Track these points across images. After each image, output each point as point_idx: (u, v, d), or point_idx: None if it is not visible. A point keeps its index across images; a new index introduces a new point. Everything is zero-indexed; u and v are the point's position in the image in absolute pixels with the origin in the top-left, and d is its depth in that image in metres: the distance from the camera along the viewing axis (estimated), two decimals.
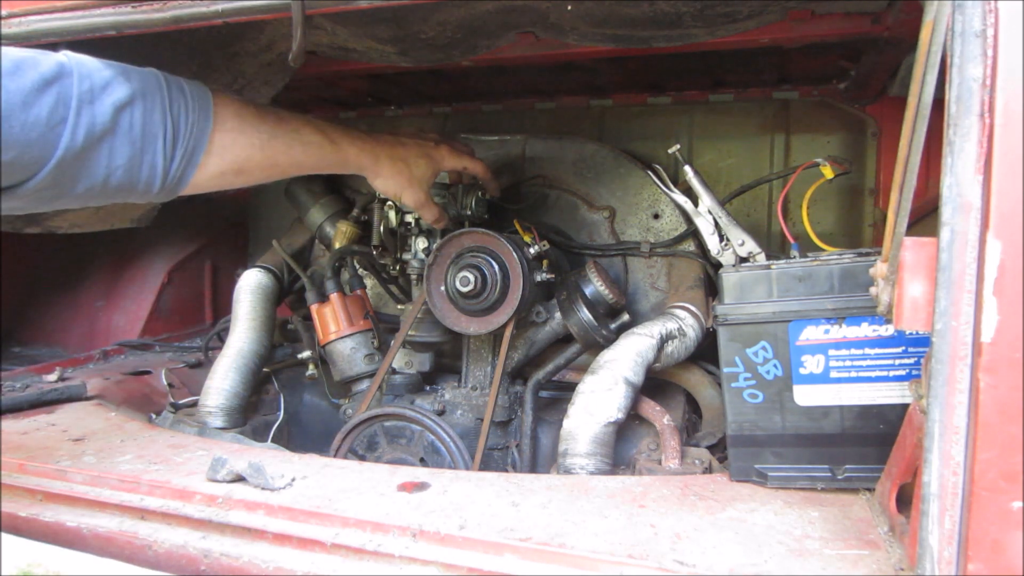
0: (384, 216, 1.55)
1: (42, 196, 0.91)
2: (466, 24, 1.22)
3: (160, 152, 0.96)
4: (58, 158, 0.87)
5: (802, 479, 1.03)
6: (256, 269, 1.80)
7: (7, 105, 0.82)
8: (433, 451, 1.38)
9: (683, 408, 1.50)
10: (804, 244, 1.18)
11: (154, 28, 1.01)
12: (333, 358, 1.63)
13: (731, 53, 1.58)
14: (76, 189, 0.92)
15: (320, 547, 0.93)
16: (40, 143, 0.85)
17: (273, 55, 1.41)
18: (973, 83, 0.68)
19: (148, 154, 0.95)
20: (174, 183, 1.00)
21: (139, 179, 0.96)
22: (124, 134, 0.92)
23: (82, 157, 0.89)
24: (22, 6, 1.08)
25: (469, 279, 1.36)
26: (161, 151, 0.96)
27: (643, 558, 0.83)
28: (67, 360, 1.90)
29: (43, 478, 1.12)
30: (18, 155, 0.84)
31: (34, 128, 0.84)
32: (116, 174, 0.93)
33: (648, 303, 1.74)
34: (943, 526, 0.69)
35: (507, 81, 1.91)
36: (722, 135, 2.02)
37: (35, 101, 0.84)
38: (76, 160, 0.89)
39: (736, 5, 1.11)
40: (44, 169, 0.86)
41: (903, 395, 0.97)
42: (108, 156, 0.92)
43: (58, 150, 0.86)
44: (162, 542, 0.98)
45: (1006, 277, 0.67)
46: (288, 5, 0.96)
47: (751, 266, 1.12)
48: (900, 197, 0.75)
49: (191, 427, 1.50)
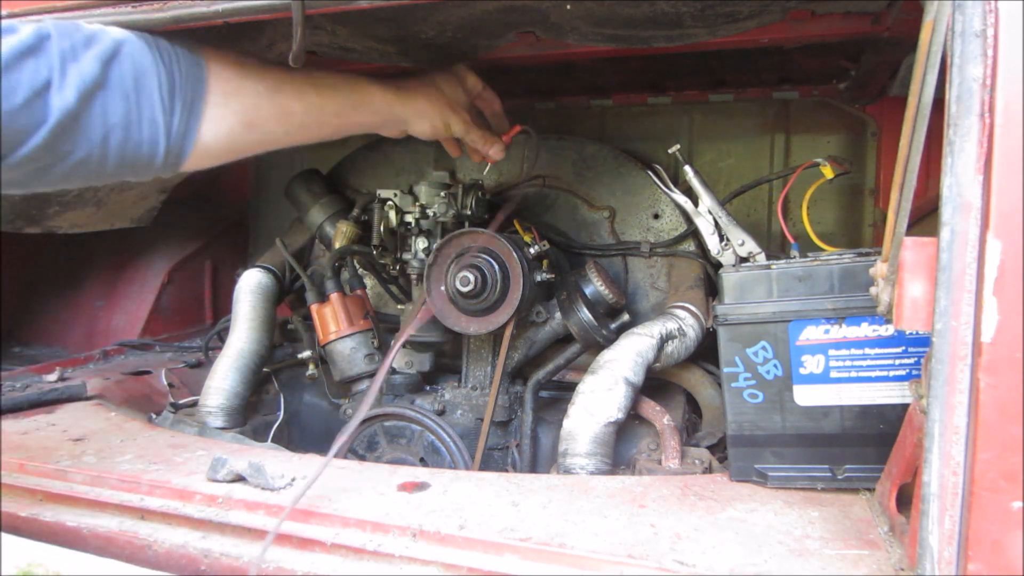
0: (384, 216, 1.55)
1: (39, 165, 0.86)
2: (466, 24, 1.22)
3: (158, 105, 0.91)
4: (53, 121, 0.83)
5: (802, 479, 1.03)
6: (256, 269, 1.79)
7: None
8: (433, 451, 1.38)
9: (683, 408, 1.50)
10: (804, 244, 1.18)
11: (154, 28, 1.01)
12: (333, 358, 1.63)
13: (731, 53, 1.58)
14: (74, 155, 0.87)
15: (320, 547, 0.93)
16: (27, 109, 0.82)
17: (273, 55, 1.41)
18: (973, 83, 0.68)
19: (146, 108, 0.90)
20: (179, 141, 0.94)
21: (141, 139, 0.90)
22: (116, 86, 0.87)
23: (77, 117, 0.85)
24: (22, 6, 1.08)
25: (469, 279, 1.36)
26: (159, 104, 0.91)
27: (643, 558, 0.83)
28: (67, 360, 1.90)
29: (43, 478, 1.12)
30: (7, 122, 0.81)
31: (16, 93, 0.81)
32: (115, 133, 0.88)
33: (648, 303, 1.74)
34: (943, 526, 0.69)
35: (507, 81, 1.91)
36: (722, 135, 2.02)
37: (15, 65, 0.81)
38: (71, 121, 0.84)
39: (736, 5, 1.10)
40: (38, 134, 0.83)
41: (903, 395, 0.97)
42: (103, 113, 0.87)
43: (50, 112, 0.83)
44: (162, 542, 0.98)
45: (1006, 277, 0.67)
46: (288, 5, 0.96)
47: (751, 266, 1.12)
48: (900, 197, 0.75)
49: (191, 427, 1.50)
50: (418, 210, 1.53)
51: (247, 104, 0.99)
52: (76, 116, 0.85)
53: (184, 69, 0.94)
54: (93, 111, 0.86)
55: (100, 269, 2.34)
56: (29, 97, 0.82)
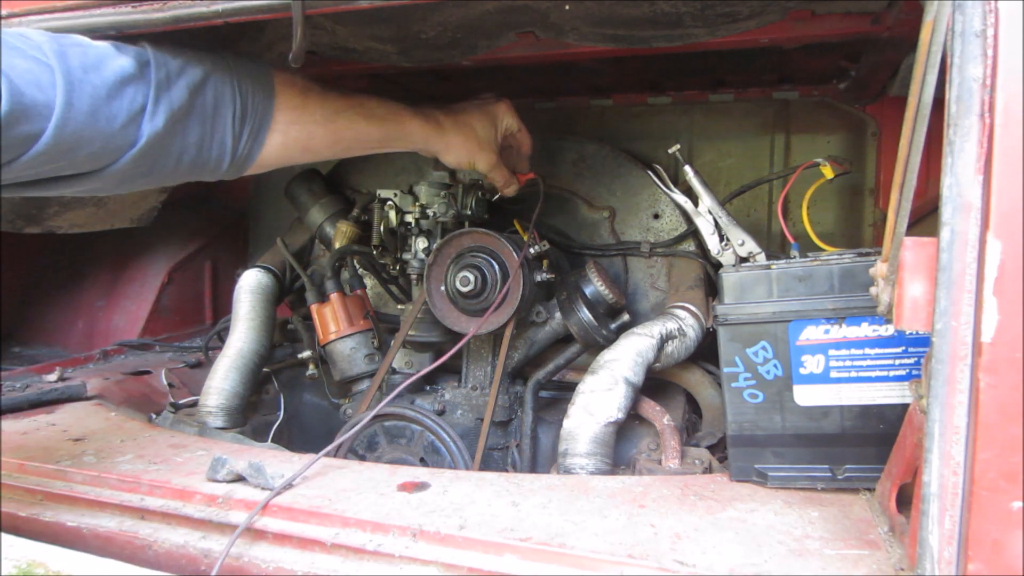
0: (384, 216, 1.55)
1: (124, 177, 0.94)
2: (466, 24, 1.22)
3: (229, 131, 0.99)
4: (141, 146, 0.90)
5: (802, 479, 1.03)
6: (256, 269, 1.79)
7: (93, 100, 0.85)
8: (433, 451, 1.38)
9: (683, 408, 1.50)
10: (804, 244, 1.18)
11: (154, 28, 1.01)
12: (333, 358, 1.63)
13: (731, 53, 1.57)
14: (153, 171, 0.95)
15: (320, 547, 0.93)
16: (121, 134, 0.89)
17: (273, 55, 1.41)
18: (973, 83, 0.68)
19: (218, 132, 0.98)
20: (242, 160, 1.03)
21: (209, 157, 0.99)
22: (198, 113, 0.96)
23: (161, 141, 0.92)
24: (22, 6, 1.08)
25: (469, 279, 1.36)
26: (230, 130, 0.99)
27: (643, 558, 0.83)
28: (67, 360, 1.90)
29: (43, 478, 1.12)
30: (101, 147, 0.88)
31: (116, 120, 0.87)
32: (188, 152, 0.96)
33: (648, 303, 1.74)
34: (943, 526, 0.69)
35: (507, 81, 1.91)
36: (722, 135, 2.02)
37: (117, 93, 0.88)
38: (157, 145, 0.92)
39: (736, 5, 1.10)
40: (127, 154, 0.90)
41: (903, 395, 0.97)
42: (183, 135, 0.95)
43: (140, 139, 0.90)
44: (162, 542, 0.99)
45: (1006, 277, 0.67)
46: (288, 5, 0.96)
47: (751, 266, 1.12)
48: (900, 197, 0.75)
49: (191, 427, 1.50)
50: (418, 210, 1.53)
51: (305, 132, 1.09)
52: (162, 139, 0.92)
53: (256, 100, 1.03)
54: (175, 134, 0.94)
55: (100, 269, 2.34)
56: (125, 122, 0.88)
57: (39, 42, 0.84)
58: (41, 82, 0.80)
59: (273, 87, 1.05)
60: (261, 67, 1.05)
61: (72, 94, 0.82)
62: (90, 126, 0.85)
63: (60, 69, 0.82)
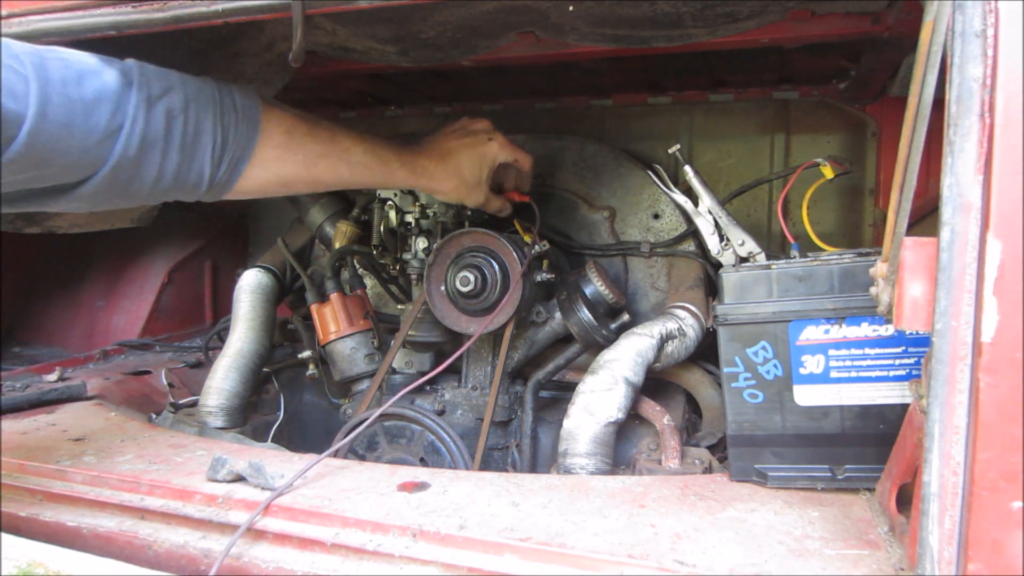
0: (384, 216, 1.55)
1: (98, 197, 0.94)
2: (466, 24, 1.22)
3: (208, 160, 0.99)
4: (112, 163, 0.90)
5: (802, 479, 1.03)
6: (256, 269, 1.80)
7: (70, 114, 0.85)
8: (433, 451, 1.38)
9: (683, 408, 1.50)
10: (804, 244, 1.18)
11: (154, 28, 1.01)
12: (333, 358, 1.63)
13: (731, 53, 1.58)
14: (129, 190, 0.95)
15: (320, 547, 0.93)
16: (96, 149, 0.88)
17: (273, 55, 1.41)
18: (973, 83, 0.68)
19: (197, 161, 0.98)
20: (219, 188, 1.03)
21: (187, 182, 0.99)
22: (176, 141, 0.95)
23: (136, 162, 0.92)
24: (22, 6, 1.08)
25: (469, 279, 1.36)
26: (209, 159, 0.99)
27: (643, 558, 0.83)
28: (67, 360, 1.90)
29: (43, 478, 1.12)
30: (77, 160, 0.87)
31: (92, 135, 0.87)
32: (165, 178, 0.96)
33: (648, 303, 1.74)
34: (943, 526, 0.69)
35: (507, 81, 1.91)
36: (722, 135, 2.02)
37: (95, 110, 0.87)
38: (130, 165, 0.92)
39: (736, 5, 1.11)
40: (99, 173, 0.90)
41: (903, 395, 0.97)
42: (160, 161, 0.94)
43: (112, 156, 0.89)
44: (162, 542, 0.99)
45: (1006, 277, 0.67)
46: (288, 5, 0.96)
47: (751, 266, 1.12)
48: (900, 197, 0.75)
49: (191, 427, 1.50)
50: (418, 210, 1.53)
51: (285, 171, 1.09)
52: (135, 160, 0.92)
53: (239, 132, 1.02)
54: (152, 158, 0.94)
55: (100, 269, 2.34)
56: (102, 138, 0.88)
57: (18, 52, 0.84)
58: (15, 91, 0.81)
59: (259, 122, 1.04)
60: (249, 99, 1.04)
61: (47, 105, 0.83)
62: (64, 139, 0.85)
63: (36, 80, 0.83)
